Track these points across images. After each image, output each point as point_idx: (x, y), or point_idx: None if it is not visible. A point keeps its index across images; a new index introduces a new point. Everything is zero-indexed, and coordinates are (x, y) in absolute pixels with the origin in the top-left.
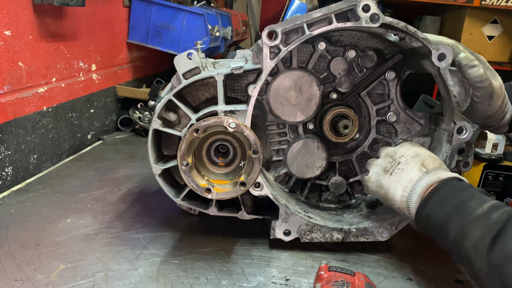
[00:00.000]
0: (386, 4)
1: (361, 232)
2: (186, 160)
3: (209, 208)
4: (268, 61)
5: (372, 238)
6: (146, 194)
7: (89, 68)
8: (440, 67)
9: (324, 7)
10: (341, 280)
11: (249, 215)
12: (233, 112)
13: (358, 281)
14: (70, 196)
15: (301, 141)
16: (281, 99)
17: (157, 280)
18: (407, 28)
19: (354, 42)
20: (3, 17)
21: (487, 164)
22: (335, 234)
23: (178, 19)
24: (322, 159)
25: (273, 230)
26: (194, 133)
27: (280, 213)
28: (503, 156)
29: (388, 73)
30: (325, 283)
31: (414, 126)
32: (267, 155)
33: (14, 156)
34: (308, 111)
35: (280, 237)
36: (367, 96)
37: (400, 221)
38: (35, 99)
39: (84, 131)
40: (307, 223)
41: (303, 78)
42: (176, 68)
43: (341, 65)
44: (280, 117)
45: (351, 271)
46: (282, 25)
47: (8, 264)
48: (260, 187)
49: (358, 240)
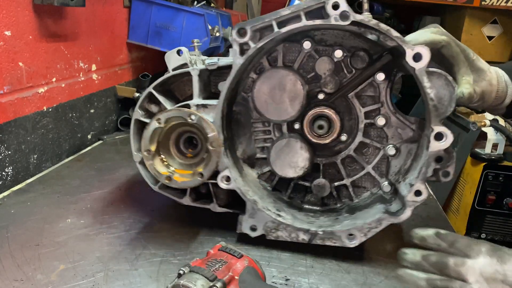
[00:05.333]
0: (386, 5)
1: (328, 235)
2: (149, 148)
3: (183, 198)
4: (237, 57)
5: (339, 243)
6: (146, 194)
7: (89, 68)
8: (415, 68)
9: (293, 5)
10: (220, 259)
11: (220, 208)
12: (205, 106)
13: (239, 264)
14: (70, 196)
15: (285, 140)
16: (265, 97)
17: (157, 280)
18: (379, 26)
19: (339, 42)
20: (3, 17)
21: (487, 164)
22: (301, 234)
23: (178, 19)
24: (305, 159)
25: (240, 224)
26: (156, 122)
27: (247, 208)
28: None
29: (377, 74)
30: (202, 260)
31: (406, 132)
32: (250, 151)
33: (14, 156)
34: (291, 110)
35: (247, 232)
36: (355, 98)
37: (370, 228)
38: (35, 99)
39: (84, 131)
40: (273, 220)
41: (287, 77)
42: (166, 64)
43: (326, 65)
44: (264, 115)
45: (239, 253)
46: (252, 23)
47: (8, 264)
48: (229, 180)
49: (324, 243)
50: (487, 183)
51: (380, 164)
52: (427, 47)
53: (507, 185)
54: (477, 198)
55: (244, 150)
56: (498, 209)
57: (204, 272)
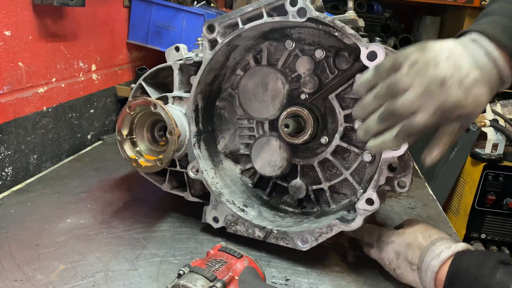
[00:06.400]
0: (386, 5)
1: (282, 235)
2: (121, 133)
3: (163, 184)
4: (207, 52)
5: (291, 244)
6: (146, 194)
7: (89, 68)
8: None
9: (256, 1)
10: (220, 259)
11: (193, 197)
12: (181, 98)
13: (239, 264)
14: (70, 196)
15: (265, 138)
16: (249, 94)
17: (157, 280)
18: (334, 23)
19: (317, 41)
20: (3, 17)
21: (487, 164)
22: (257, 231)
23: (178, 19)
24: (283, 159)
25: (204, 214)
26: (127, 109)
27: (211, 199)
28: (503, 156)
29: (357, 76)
30: (202, 260)
31: None
32: (233, 147)
33: (14, 156)
34: (272, 109)
35: (210, 222)
36: (335, 99)
37: (321, 233)
38: (35, 99)
39: (84, 131)
40: (233, 214)
41: (269, 75)
42: (166, 60)
43: (306, 65)
44: (248, 112)
45: (239, 253)
46: (220, 19)
47: (8, 264)
48: (197, 171)
49: (278, 243)
50: (487, 183)
51: (360, 171)
52: (382, 45)
53: (507, 185)
54: (477, 198)
55: (226, 145)
56: (498, 209)
57: (204, 272)
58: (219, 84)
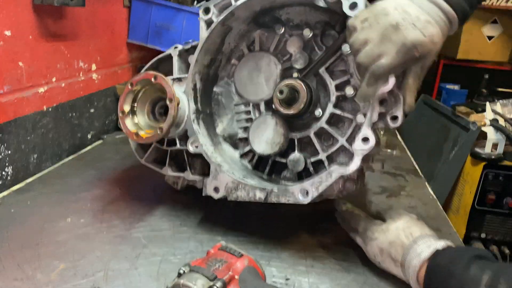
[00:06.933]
0: None
1: (282, 192)
2: (123, 109)
3: (162, 168)
4: (203, 32)
5: (293, 199)
6: (146, 193)
7: (89, 68)
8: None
9: None
10: (220, 258)
11: (193, 176)
12: (180, 79)
13: (239, 263)
14: (70, 195)
15: (261, 117)
16: (244, 79)
17: (157, 280)
18: None
19: (304, 20)
20: (3, 17)
21: (487, 164)
22: (257, 193)
23: (178, 19)
24: (280, 135)
25: (205, 187)
26: (129, 85)
27: (211, 170)
28: (503, 155)
29: (343, 46)
30: (202, 260)
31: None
32: (231, 131)
33: (14, 155)
34: (267, 89)
35: (211, 193)
36: (326, 72)
37: (321, 181)
38: (35, 99)
39: (84, 130)
40: (233, 181)
41: (262, 58)
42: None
43: (296, 43)
44: (244, 96)
45: (239, 252)
46: (215, 1)
47: (8, 264)
48: (197, 145)
49: (279, 200)
50: (487, 182)
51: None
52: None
53: (507, 184)
54: (477, 198)
55: (224, 129)
56: (498, 209)
57: (204, 271)
58: (216, 70)
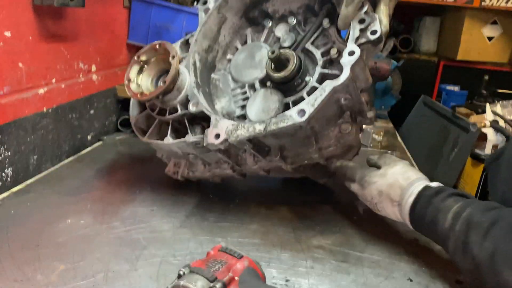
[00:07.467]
0: None
1: (280, 117)
2: (128, 77)
3: (164, 139)
4: (202, 17)
5: (291, 121)
6: (146, 194)
7: (89, 69)
8: None
9: None
10: (220, 259)
11: (193, 137)
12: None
13: (239, 264)
14: (70, 196)
15: (256, 92)
16: (239, 66)
17: (157, 281)
18: None
19: (288, 8)
20: (3, 18)
21: None
22: (257, 126)
23: (178, 20)
24: (275, 101)
25: (206, 137)
26: (135, 57)
27: (211, 121)
28: None
29: (324, 22)
30: (202, 261)
31: None
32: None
33: (14, 157)
34: (260, 69)
35: (212, 141)
36: (311, 46)
37: (316, 97)
38: (35, 100)
39: (84, 132)
40: (232, 123)
41: (255, 47)
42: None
43: (283, 28)
44: (239, 80)
45: (239, 254)
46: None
47: (8, 265)
48: (197, 104)
49: (278, 126)
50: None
51: None
52: None
53: None
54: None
55: (222, 107)
56: None
57: (204, 272)
58: (213, 60)
